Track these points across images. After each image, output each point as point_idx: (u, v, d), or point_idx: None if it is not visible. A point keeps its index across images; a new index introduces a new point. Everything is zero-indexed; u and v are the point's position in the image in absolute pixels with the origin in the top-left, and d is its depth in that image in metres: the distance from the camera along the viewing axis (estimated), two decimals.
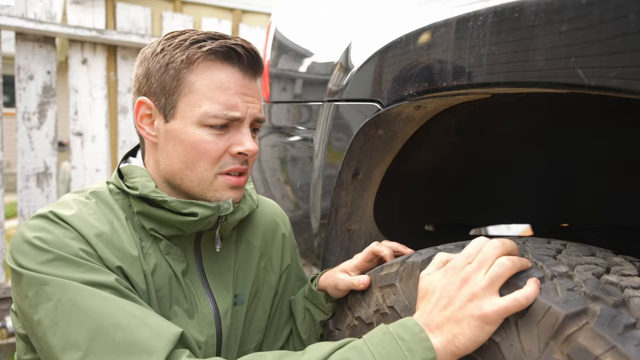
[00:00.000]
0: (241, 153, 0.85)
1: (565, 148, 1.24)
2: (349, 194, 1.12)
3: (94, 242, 0.77)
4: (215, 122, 0.82)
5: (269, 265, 1.05)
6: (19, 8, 2.62)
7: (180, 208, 0.83)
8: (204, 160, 0.84)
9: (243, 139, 0.85)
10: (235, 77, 0.84)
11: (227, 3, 3.59)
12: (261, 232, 1.06)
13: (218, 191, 0.86)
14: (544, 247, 0.74)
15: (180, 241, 0.90)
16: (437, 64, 0.79)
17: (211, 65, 0.83)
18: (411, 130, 1.02)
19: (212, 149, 0.83)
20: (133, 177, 0.87)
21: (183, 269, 0.89)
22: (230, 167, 0.86)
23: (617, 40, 0.52)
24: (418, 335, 0.65)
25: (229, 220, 0.91)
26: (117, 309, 0.71)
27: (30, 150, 2.66)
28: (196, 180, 0.85)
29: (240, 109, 0.84)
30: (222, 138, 0.84)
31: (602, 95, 0.57)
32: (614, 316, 0.54)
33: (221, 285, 0.94)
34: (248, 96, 0.86)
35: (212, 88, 0.82)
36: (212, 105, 0.82)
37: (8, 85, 3.13)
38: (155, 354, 0.66)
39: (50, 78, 2.72)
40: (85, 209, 0.82)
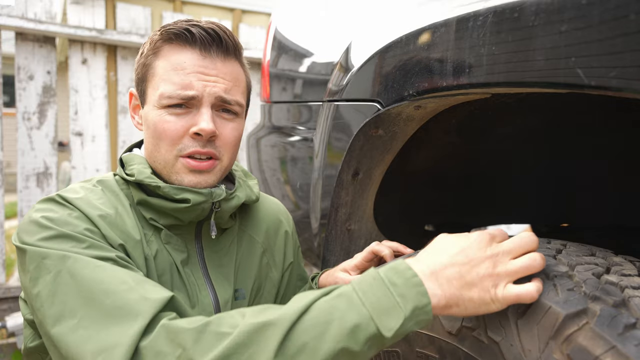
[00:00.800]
0: (197, 134, 0.84)
1: (565, 148, 1.24)
2: (349, 194, 1.12)
3: (98, 222, 0.79)
4: (170, 102, 0.84)
5: (272, 261, 1.05)
6: (19, 8, 2.62)
7: (173, 194, 0.84)
8: (164, 141, 0.85)
9: (199, 118, 0.84)
10: (193, 57, 0.85)
11: (227, 3, 3.59)
12: (264, 229, 1.06)
13: (179, 174, 0.86)
14: (544, 247, 0.74)
15: (180, 231, 0.90)
16: (437, 63, 0.79)
17: (171, 48, 0.86)
18: (411, 130, 1.02)
19: (170, 129, 0.84)
20: (131, 164, 0.89)
21: (183, 258, 0.89)
22: (190, 149, 0.85)
23: (617, 40, 0.52)
24: (411, 280, 0.61)
25: (223, 207, 0.90)
26: (110, 276, 0.71)
27: (30, 150, 2.66)
28: (162, 162, 0.87)
29: (196, 87, 0.84)
30: (181, 119, 0.84)
31: (602, 95, 0.57)
32: (614, 316, 0.54)
33: (222, 276, 0.94)
34: (208, 75, 0.85)
35: (168, 70, 0.85)
36: (167, 85, 0.84)
37: (8, 85, 3.13)
38: (140, 317, 0.65)
39: (50, 78, 2.72)
40: (92, 194, 0.85)
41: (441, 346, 0.74)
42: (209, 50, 0.86)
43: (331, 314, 0.60)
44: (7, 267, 3.45)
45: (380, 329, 0.59)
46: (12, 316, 2.52)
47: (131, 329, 0.64)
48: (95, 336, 0.65)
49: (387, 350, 0.85)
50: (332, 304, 0.61)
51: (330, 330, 0.59)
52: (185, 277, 0.89)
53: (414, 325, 0.60)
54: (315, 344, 0.58)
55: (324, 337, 0.58)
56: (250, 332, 0.60)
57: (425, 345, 0.77)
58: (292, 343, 0.58)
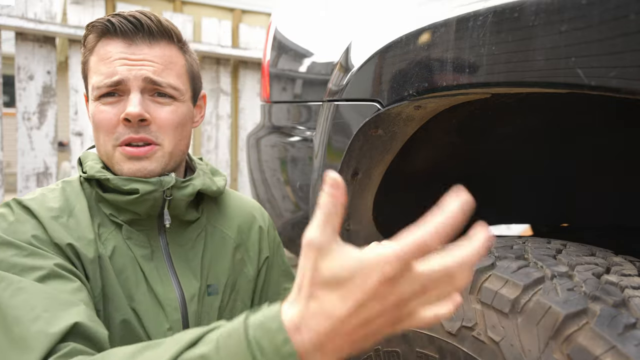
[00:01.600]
0: (127, 119, 0.83)
1: (565, 148, 1.24)
2: (348, 194, 1.12)
3: (47, 223, 0.80)
4: (100, 93, 0.85)
5: (246, 257, 1.04)
6: (19, 8, 2.62)
7: (121, 185, 0.84)
8: (101, 131, 0.86)
9: (127, 104, 0.84)
10: (117, 46, 0.85)
11: (227, 3, 3.59)
12: (236, 224, 1.05)
13: (119, 163, 0.86)
14: (544, 247, 0.74)
15: (142, 227, 0.90)
16: (437, 63, 0.79)
17: (101, 42, 0.87)
18: (411, 130, 1.02)
19: (104, 118, 0.85)
20: (86, 162, 0.91)
21: (145, 253, 0.89)
22: (124, 137, 0.84)
23: (617, 40, 0.52)
24: (281, 349, 0.46)
25: (176, 196, 0.89)
26: (25, 301, 0.70)
27: (30, 150, 2.66)
28: (104, 153, 0.88)
29: (120, 72, 0.84)
30: (114, 107, 0.85)
31: (602, 95, 0.57)
32: (614, 316, 0.54)
33: (188, 270, 0.93)
34: (133, 60, 0.85)
35: (97, 62, 0.86)
36: (96, 77, 0.85)
37: (8, 85, 3.13)
38: (33, 353, 0.65)
39: (50, 78, 2.72)
40: (50, 194, 0.87)
41: (441, 346, 0.74)
42: (133, 39, 0.86)
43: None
44: None
45: None
46: None
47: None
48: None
49: (387, 350, 0.85)
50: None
51: None
52: (148, 273, 0.88)
53: None
54: None
55: None
56: None
57: (425, 345, 0.77)
58: None
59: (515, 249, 0.75)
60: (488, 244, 0.47)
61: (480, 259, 0.48)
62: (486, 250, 0.46)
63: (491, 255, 0.74)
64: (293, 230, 1.39)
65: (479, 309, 0.68)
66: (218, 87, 3.20)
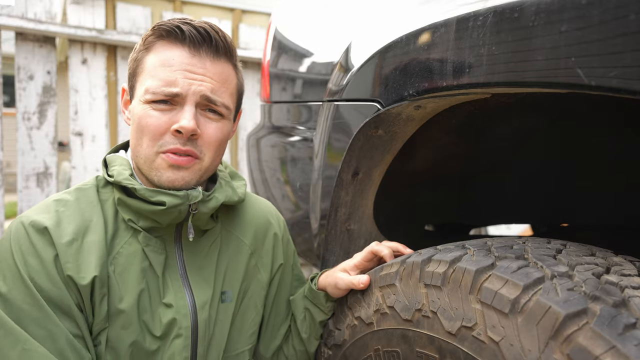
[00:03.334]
0: (178, 131, 0.84)
1: (565, 148, 1.24)
2: (349, 194, 1.12)
3: (62, 251, 0.81)
4: (153, 98, 0.84)
5: (260, 263, 1.05)
6: (19, 8, 2.61)
7: (149, 196, 0.84)
8: (146, 135, 0.85)
9: (181, 116, 0.84)
10: (182, 55, 0.85)
11: (227, 3, 3.59)
12: (252, 231, 1.05)
13: (159, 170, 0.85)
14: (544, 247, 0.74)
15: (159, 233, 0.90)
16: (437, 63, 0.79)
17: (162, 45, 0.86)
18: (411, 130, 1.02)
19: (153, 124, 0.84)
20: (113, 166, 0.90)
21: (161, 260, 0.89)
22: (169, 146, 0.84)
23: (617, 40, 0.52)
24: None
25: (200, 209, 0.89)
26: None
27: (30, 150, 2.66)
28: (143, 157, 0.87)
29: (180, 85, 0.84)
30: (165, 115, 0.84)
31: (602, 95, 0.57)
32: (614, 316, 0.54)
33: (201, 278, 0.93)
34: (195, 74, 0.85)
35: (156, 66, 0.85)
36: (153, 81, 0.84)
37: (8, 85, 3.13)
38: None
39: (50, 78, 2.72)
40: (65, 211, 0.85)
41: (441, 346, 0.74)
42: (198, 49, 0.86)
43: None
44: None
45: None
46: None
47: None
48: None
49: (387, 350, 0.85)
50: None
51: None
52: (162, 280, 0.89)
53: None
54: None
55: None
56: None
57: (425, 345, 0.77)
58: None
59: (515, 249, 0.75)
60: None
61: None
62: None
63: (491, 255, 0.74)
64: (293, 230, 1.39)
65: (479, 309, 0.68)
66: None
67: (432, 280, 0.77)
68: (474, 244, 0.82)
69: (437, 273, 0.76)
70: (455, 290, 0.72)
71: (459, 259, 0.75)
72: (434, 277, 0.77)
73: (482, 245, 0.79)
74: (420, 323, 0.78)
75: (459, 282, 0.72)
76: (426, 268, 0.79)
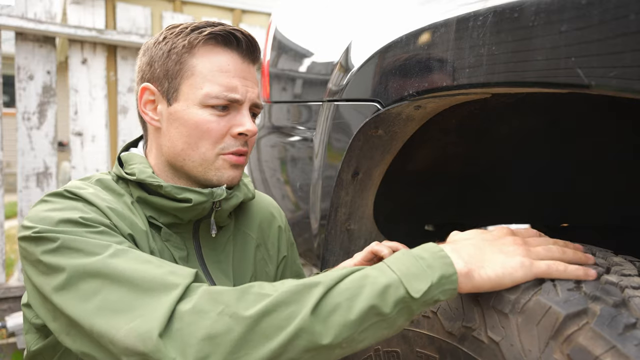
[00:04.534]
0: (241, 134, 0.88)
1: (565, 148, 1.24)
2: (349, 194, 1.12)
3: (108, 213, 0.80)
4: (216, 103, 0.85)
5: (267, 255, 1.07)
6: (19, 8, 2.62)
7: (175, 193, 0.85)
8: (206, 140, 0.86)
9: (243, 120, 0.88)
10: (234, 60, 0.88)
11: (227, 3, 3.59)
12: (257, 224, 1.07)
13: (220, 170, 0.88)
14: None
15: (178, 230, 0.91)
16: (437, 63, 0.79)
17: (211, 49, 0.87)
18: (411, 130, 1.02)
19: (215, 128, 0.86)
20: (132, 164, 0.90)
21: (182, 256, 0.90)
22: (232, 149, 0.88)
23: (617, 40, 0.52)
24: (437, 253, 0.65)
25: (223, 206, 0.92)
26: (136, 257, 0.71)
27: (30, 150, 2.66)
28: (198, 160, 0.88)
29: (240, 91, 0.87)
30: (223, 119, 0.87)
31: (602, 95, 0.57)
32: (614, 316, 0.54)
33: (221, 272, 0.95)
34: (247, 80, 0.89)
35: (213, 70, 0.86)
36: (213, 86, 0.85)
37: (8, 85, 3.13)
38: (175, 286, 0.66)
39: (50, 78, 2.72)
40: (94, 187, 0.86)
41: (441, 346, 0.74)
42: (246, 56, 0.90)
43: (364, 279, 0.64)
44: (7, 267, 3.45)
45: (409, 290, 0.62)
46: (12, 316, 2.52)
47: (167, 297, 0.64)
48: (127, 307, 0.65)
49: (387, 350, 0.85)
50: (366, 273, 0.65)
51: (362, 293, 0.62)
52: None
53: (440, 294, 0.63)
54: (348, 304, 0.62)
55: (356, 298, 0.62)
56: (292, 292, 0.63)
57: (425, 345, 0.77)
58: (327, 303, 0.62)
59: None
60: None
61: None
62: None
63: None
64: (293, 230, 1.39)
65: (479, 309, 0.68)
66: None
67: None
68: None
69: None
70: None
71: None
72: None
73: None
74: (420, 323, 0.78)
75: None
76: None
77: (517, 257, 0.65)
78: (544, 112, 1.11)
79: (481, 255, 0.66)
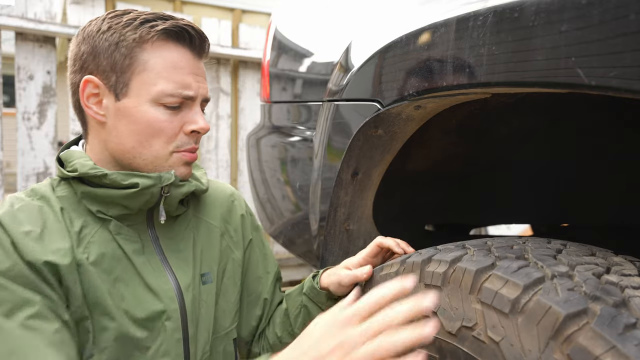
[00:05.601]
0: (194, 131, 0.88)
1: (565, 148, 1.24)
2: (348, 194, 1.12)
3: (20, 240, 0.77)
4: (170, 101, 0.84)
5: (231, 242, 1.07)
6: (19, 8, 2.61)
7: (121, 180, 0.83)
8: (159, 138, 0.86)
9: (196, 117, 0.88)
10: (187, 57, 0.87)
11: (227, 3, 3.59)
12: (219, 213, 1.07)
13: (172, 167, 0.88)
14: (544, 247, 0.74)
15: (131, 222, 0.89)
16: (437, 63, 0.79)
17: (164, 44, 0.85)
18: (411, 130, 1.02)
19: (168, 127, 0.86)
20: (71, 161, 0.87)
21: (136, 248, 0.88)
22: (187, 146, 0.89)
23: (617, 40, 0.52)
24: None
25: (172, 193, 0.90)
26: (3, 342, 0.71)
27: (30, 150, 2.66)
28: (150, 157, 0.87)
29: (194, 88, 0.86)
30: (176, 117, 0.86)
31: (602, 95, 0.57)
32: (614, 316, 0.54)
33: (181, 261, 0.94)
34: (199, 76, 0.88)
35: (167, 67, 0.84)
36: (167, 84, 0.84)
37: (8, 85, 3.13)
38: None
39: (50, 78, 2.72)
40: (19, 205, 0.82)
41: (441, 346, 0.74)
42: (197, 52, 0.89)
43: None
44: None
45: None
46: None
47: None
48: None
49: None
50: None
51: None
52: (140, 267, 0.88)
53: None
54: None
55: None
56: None
57: (425, 345, 0.77)
58: None
59: (515, 249, 0.75)
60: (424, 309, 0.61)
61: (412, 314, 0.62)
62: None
63: (491, 255, 0.74)
64: (293, 230, 1.39)
65: (479, 309, 0.68)
66: (218, 87, 3.20)
67: (432, 280, 0.77)
68: (474, 244, 0.82)
69: (437, 273, 0.76)
70: (455, 290, 0.72)
71: (459, 259, 0.75)
72: (434, 277, 0.77)
73: (482, 245, 0.79)
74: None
75: (459, 282, 0.72)
76: (426, 268, 0.79)
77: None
78: (544, 112, 1.11)
79: None
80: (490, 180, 1.38)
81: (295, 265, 2.98)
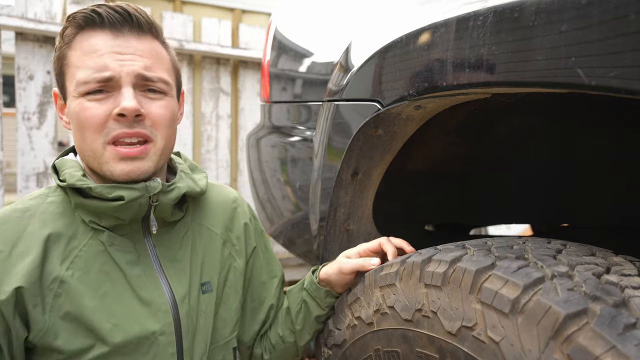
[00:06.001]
0: (121, 114, 0.80)
1: (565, 148, 1.24)
2: (348, 194, 1.12)
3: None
4: (87, 88, 0.80)
5: (233, 251, 1.04)
6: (19, 8, 2.61)
7: (106, 193, 0.81)
8: (87, 129, 0.81)
9: (120, 98, 0.80)
10: (104, 38, 0.81)
11: (227, 3, 3.59)
12: (220, 220, 1.04)
13: (109, 163, 0.82)
14: (544, 247, 0.74)
15: (125, 231, 0.87)
16: (437, 63, 0.79)
17: (82, 34, 0.82)
18: (411, 130, 1.02)
19: (92, 114, 0.80)
20: (63, 170, 0.86)
21: (130, 259, 0.86)
22: (116, 132, 0.80)
23: (617, 40, 0.52)
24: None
25: (162, 200, 0.86)
26: None
27: (30, 150, 2.66)
28: (90, 153, 0.83)
29: (112, 68, 0.80)
30: (103, 104, 0.80)
31: (602, 95, 0.57)
32: (614, 316, 0.54)
33: (177, 271, 0.92)
34: (124, 54, 0.81)
35: (81, 56, 0.81)
36: (82, 72, 0.80)
37: (8, 85, 3.13)
38: None
39: (50, 78, 2.72)
40: (9, 221, 0.82)
41: (441, 346, 0.74)
42: (120, 30, 0.82)
43: None
44: None
45: None
46: None
47: None
48: None
49: (387, 350, 0.85)
50: None
51: None
52: (133, 279, 0.86)
53: None
54: None
55: None
56: None
57: (425, 345, 0.77)
58: None
59: (515, 249, 0.75)
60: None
61: None
62: None
63: (491, 255, 0.74)
64: (293, 230, 1.39)
65: (479, 309, 0.68)
66: (218, 87, 3.20)
67: (433, 280, 0.77)
68: (474, 244, 0.82)
69: (438, 273, 0.76)
70: (455, 290, 0.72)
71: (459, 259, 0.75)
72: (434, 277, 0.77)
73: (482, 245, 0.79)
74: (421, 323, 0.78)
75: (459, 282, 0.72)
76: (426, 268, 0.79)
77: None
78: (544, 112, 1.11)
79: None
80: (490, 180, 1.38)
81: (295, 265, 2.98)
